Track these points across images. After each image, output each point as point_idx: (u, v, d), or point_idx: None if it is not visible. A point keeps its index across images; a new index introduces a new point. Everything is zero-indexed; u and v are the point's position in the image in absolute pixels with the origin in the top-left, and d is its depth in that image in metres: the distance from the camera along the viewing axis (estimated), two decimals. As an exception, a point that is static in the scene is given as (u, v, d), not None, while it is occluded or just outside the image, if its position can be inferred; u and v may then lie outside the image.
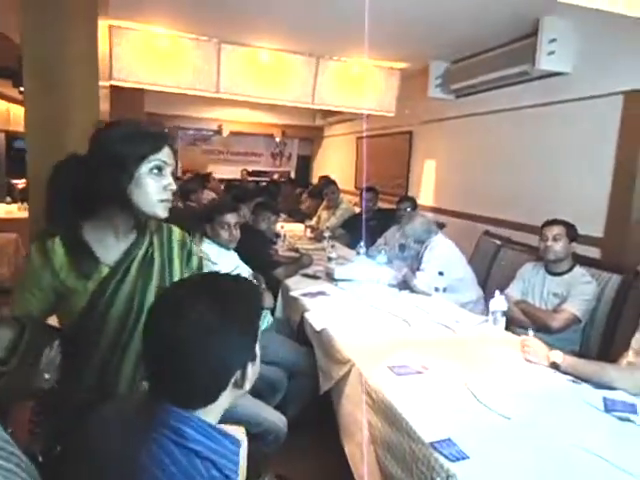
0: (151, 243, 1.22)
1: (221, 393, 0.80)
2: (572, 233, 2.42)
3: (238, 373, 0.81)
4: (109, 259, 1.16)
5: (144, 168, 1.10)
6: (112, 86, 3.94)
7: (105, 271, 1.15)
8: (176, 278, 1.24)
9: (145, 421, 0.78)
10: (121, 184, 1.08)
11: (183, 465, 0.74)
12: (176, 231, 1.31)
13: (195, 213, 3.26)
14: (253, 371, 0.84)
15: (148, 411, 0.79)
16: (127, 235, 1.18)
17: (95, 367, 1.16)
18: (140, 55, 3.87)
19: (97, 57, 2.48)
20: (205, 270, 1.63)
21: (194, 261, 1.32)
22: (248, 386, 0.83)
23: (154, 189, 1.11)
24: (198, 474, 0.74)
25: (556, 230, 2.42)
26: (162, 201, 1.13)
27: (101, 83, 2.64)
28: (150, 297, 1.17)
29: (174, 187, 1.15)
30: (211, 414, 0.81)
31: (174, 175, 1.19)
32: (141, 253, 1.19)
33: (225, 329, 0.78)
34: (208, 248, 2.30)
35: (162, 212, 1.14)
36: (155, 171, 1.11)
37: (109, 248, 1.16)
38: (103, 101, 2.71)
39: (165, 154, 1.13)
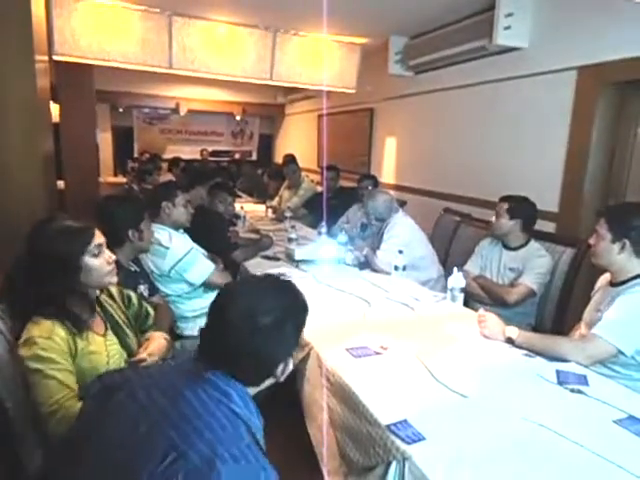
0: None
1: (267, 380, 0.99)
2: (515, 210, 2.42)
3: (282, 365, 0.98)
4: None
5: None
6: (57, 61, 3.70)
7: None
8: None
9: (193, 380, 0.90)
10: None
11: (225, 417, 0.84)
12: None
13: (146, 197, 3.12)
14: (290, 366, 1.01)
15: (197, 374, 0.91)
16: None
17: None
18: (85, 28, 3.61)
19: (31, 27, 2.29)
20: (156, 256, 2.24)
21: (133, 300, 1.64)
22: (282, 379, 1.01)
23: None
24: (234, 427, 0.84)
25: (500, 207, 2.46)
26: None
27: (38, 57, 2.45)
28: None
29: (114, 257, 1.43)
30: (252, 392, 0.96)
31: None
32: None
33: (285, 329, 0.95)
34: (158, 233, 2.20)
35: None
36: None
37: None
38: (41, 76, 2.53)
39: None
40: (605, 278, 1.84)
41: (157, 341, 1.54)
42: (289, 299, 0.99)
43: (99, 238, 1.38)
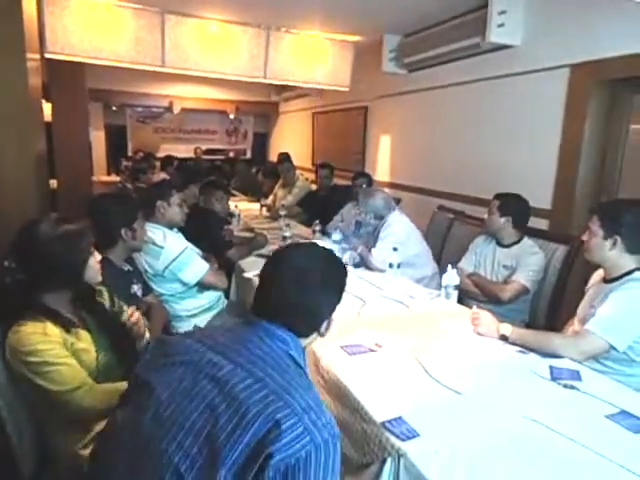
0: None
1: (315, 331, 1.08)
2: (506, 207, 2.44)
3: (326, 322, 1.09)
4: None
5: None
6: (49, 60, 3.67)
7: None
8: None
9: (254, 330, 0.99)
10: None
11: (286, 360, 0.95)
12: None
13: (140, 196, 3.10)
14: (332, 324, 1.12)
15: (256, 324, 1.01)
16: None
17: None
18: (76, 26, 3.59)
19: (22, 25, 2.27)
20: (150, 255, 2.20)
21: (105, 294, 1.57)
22: (326, 334, 1.12)
23: None
24: (293, 369, 0.95)
25: (492, 204, 2.49)
26: None
27: (29, 55, 2.43)
28: None
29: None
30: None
31: None
32: None
33: (331, 287, 1.08)
34: (152, 233, 2.19)
35: None
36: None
37: None
38: (33, 75, 2.51)
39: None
40: (599, 274, 1.85)
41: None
42: (332, 261, 1.12)
43: (91, 238, 1.41)
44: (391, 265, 2.47)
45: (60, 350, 1.26)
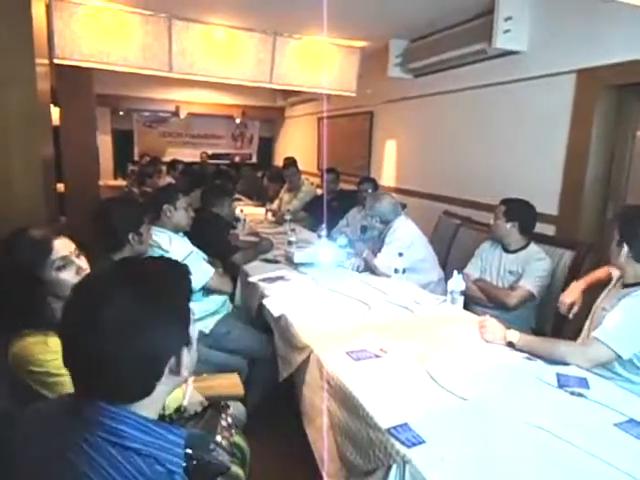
0: None
1: (156, 383, 0.76)
2: (512, 213, 2.43)
3: (172, 360, 0.77)
4: None
5: None
6: (56, 65, 3.71)
7: None
8: None
9: (73, 423, 0.72)
10: None
11: (123, 466, 0.68)
12: None
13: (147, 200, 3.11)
14: (190, 356, 0.80)
15: (75, 412, 0.73)
16: None
17: None
18: (85, 31, 3.62)
19: (32, 31, 2.30)
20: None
21: None
22: (185, 373, 0.79)
23: None
24: (140, 474, 0.69)
25: (498, 209, 2.49)
26: None
27: (38, 60, 2.46)
28: None
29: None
30: (149, 407, 0.76)
31: None
32: None
33: (150, 316, 0.73)
34: (158, 236, 2.20)
35: None
36: None
37: None
38: (42, 79, 2.54)
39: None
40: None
41: None
42: (146, 277, 0.78)
43: (63, 250, 1.31)
44: (396, 270, 2.46)
45: (61, 361, 1.24)
